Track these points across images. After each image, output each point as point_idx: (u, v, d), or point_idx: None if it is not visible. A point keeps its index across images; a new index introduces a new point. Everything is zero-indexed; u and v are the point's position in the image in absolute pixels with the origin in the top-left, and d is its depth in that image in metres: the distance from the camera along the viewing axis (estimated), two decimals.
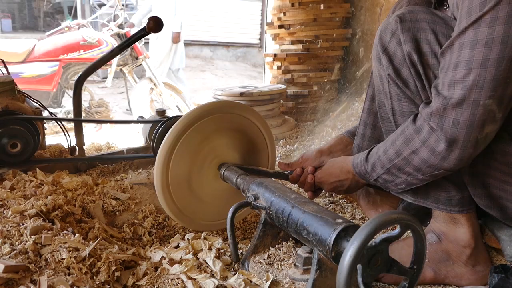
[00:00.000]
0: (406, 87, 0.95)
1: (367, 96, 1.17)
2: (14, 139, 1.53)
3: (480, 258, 1.00)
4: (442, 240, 1.00)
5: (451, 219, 0.99)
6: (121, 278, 0.99)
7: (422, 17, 0.93)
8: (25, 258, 0.94)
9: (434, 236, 1.01)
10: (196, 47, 9.08)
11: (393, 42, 0.94)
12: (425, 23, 0.92)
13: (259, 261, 1.03)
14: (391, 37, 0.95)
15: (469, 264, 0.99)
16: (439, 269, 0.99)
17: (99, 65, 1.82)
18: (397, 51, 0.94)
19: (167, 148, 1.13)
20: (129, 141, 2.48)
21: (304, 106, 2.89)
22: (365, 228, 0.69)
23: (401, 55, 0.93)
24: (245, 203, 1.05)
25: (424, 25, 0.92)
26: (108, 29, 4.04)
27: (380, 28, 0.98)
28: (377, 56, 0.99)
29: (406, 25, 0.92)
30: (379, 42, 0.97)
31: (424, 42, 0.91)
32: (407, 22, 0.93)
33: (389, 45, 0.95)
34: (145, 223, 1.28)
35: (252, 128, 1.27)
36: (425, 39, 0.91)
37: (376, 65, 1.01)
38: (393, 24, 0.94)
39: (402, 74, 0.95)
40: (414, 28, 0.92)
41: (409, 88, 0.95)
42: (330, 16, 2.87)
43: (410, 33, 0.92)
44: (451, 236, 0.99)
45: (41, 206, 1.17)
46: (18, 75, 3.49)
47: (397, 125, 1.01)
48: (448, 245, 1.00)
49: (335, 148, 1.28)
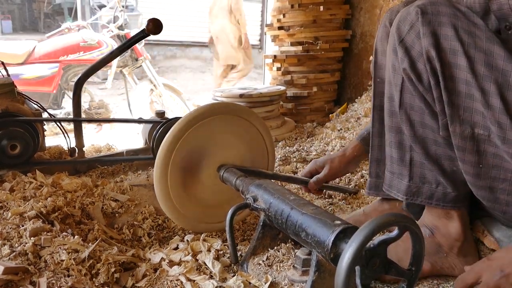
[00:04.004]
0: (420, 82, 0.92)
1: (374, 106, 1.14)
2: (14, 140, 1.53)
3: (470, 249, 1.04)
4: (435, 233, 1.03)
5: (445, 214, 1.01)
6: (121, 279, 0.99)
7: (443, 10, 0.87)
8: (24, 259, 0.94)
9: (427, 230, 1.03)
10: (196, 48, 9.09)
11: (412, 34, 0.90)
12: (446, 17, 0.87)
13: (258, 262, 1.03)
14: (409, 28, 0.90)
15: (460, 256, 1.02)
16: (435, 261, 1.02)
17: (99, 66, 1.82)
18: (415, 44, 0.90)
19: (166, 149, 1.14)
20: (129, 143, 2.48)
21: (304, 108, 2.89)
22: (364, 230, 0.69)
23: (419, 48, 0.90)
24: (244, 205, 1.05)
25: (445, 19, 0.87)
26: (108, 30, 4.04)
27: (399, 18, 0.93)
28: (393, 47, 0.95)
29: (427, 17, 0.87)
30: (396, 32, 0.93)
31: (443, 37, 0.87)
32: (428, 14, 0.88)
33: (407, 36, 0.91)
34: (145, 224, 1.28)
35: (252, 130, 1.28)
36: (445, 35, 0.87)
37: (390, 56, 0.97)
38: (413, 15, 0.89)
39: (417, 68, 0.91)
40: (434, 22, 0.87)
41: (422, 83, 0.92)
42: (329, 18, 2.87)
43: (430, 26, 0.87)
44: (444, 230, 1.02)
45: (40, 207, 1.17)
46: (18, 76, 3.50)
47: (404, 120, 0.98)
48: (440, 239, 1.02)
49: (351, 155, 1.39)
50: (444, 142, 0.96)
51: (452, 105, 0.89)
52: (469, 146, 0.90)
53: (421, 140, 0.98)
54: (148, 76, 4.07)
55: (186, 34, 8.87)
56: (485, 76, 0.85)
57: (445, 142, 0.96)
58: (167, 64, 8.68)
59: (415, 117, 0.97)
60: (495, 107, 0.84)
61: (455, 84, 0.88)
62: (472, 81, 0.86)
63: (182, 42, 8.95)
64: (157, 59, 8.56)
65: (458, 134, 0.90)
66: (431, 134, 0.97)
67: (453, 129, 0.90)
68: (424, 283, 1.02)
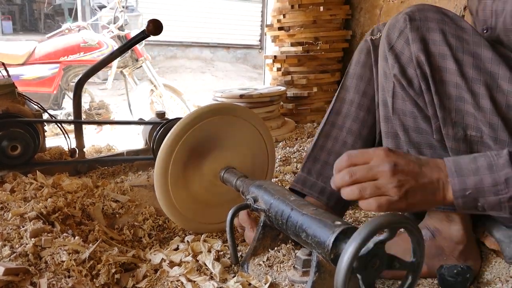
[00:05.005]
0: (411, 87, 0.94)
1: (332, 110, 1.19)
2: (14, 141, 1.53)
3: (471, 253, 1.03)
4: (436, 236, 1.02)
5: (446, 217, 1.01)
6: (121, 280, 0.99)
7: (431, 16, 0.90)
8: (25, 260, 0.94)
9: (428, 232, 1.03)
10: (196, 48, 9.09)
11: (401, 40, 0.92)
12: (434, 22, 0.89)
13: (259, 263, 1.03)
14: (398, 35, 0.93)
15: (461, 259, 1.02)
16: (433, 265, 1.01)
17: (99, 67, 1.83)
18: (404, 50, 0.92)
19: (167, 150, 1.14)
20: (129, 143, 2.48)
21: (304, 108, 2.89)
22: (363, 230, 0.70)
23: (408, 54, 0.92)
24: (244, 205, 1.05)
25: (433, 25, 0.89)
26: (109, 31, 4.04)
27: (388, 25, 0.96)
28: (383, 54, 0.97)
29: (415, 24, 0.90)
30: (386, 40, 0.95)
31: (432, 42, 0.89)
32: (416, 21, 0.90)
33: (396, 43, 0.93)
34: (145, 225, 1.28)
35: (252, 130, 1.28)
36: (433, 40, 0.89)
37: (381, 63, 1.00)
38: (401, 22, 0.92)
39: (407, 74, 0.93)
40: (423, 27, 0.90)
41: (413, 88, 0.93)
42: (329, 18, 2.87)
43: (418, 32, 0.90)
44: (445, 233, 1.01)
45: (41, 208, 1.17)
46: (18, 77, 3.49)
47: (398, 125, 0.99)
48: (442, 241, 1.02)
49: None
50: (439, 146, 0.96)
51: (443, 108, 0.90)
52: (463, 148, 0.91)
53: (417, 144, 0.98)
54: (149, 77, 4.07)
55: (186, 34, 8.87)
56: (474, 79, 0.86)
57: (440, 146, 0.96)
58: (168, 65, 8.68)
59: (408, 122, 0.98)
60: (486, 108, 0.85)
61: (446, 88, 0.89)
62: (462, 84, 0.87)
63: (182, 42, 8.95)
64: (158, 60, 8.55)
65: (451, 137, 0.91)
66: (425, 138, 0.97)
67: (446, 132, 0.91)
68: (424, 283, 1.02)
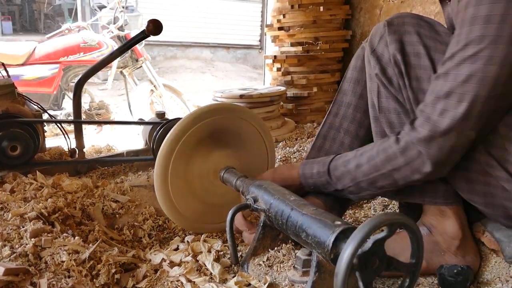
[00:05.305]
0: (391, 85, 1.02)
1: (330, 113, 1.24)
2: (14, 141, 1.53)
3: (469, 248, 1.05)
4: (433, 232, 1.05)
5: (440, 212, 1.04)
6: (121, 280, 0.99)
7: (408, 21, 1.00)
8: (25, 260, 0.94)
9: (425, 229, 1.06)
10: (196, 48, 9.09)
11: (381, 44, 1.02)
12: (411, 26, 0.99)
13: (259, 263, 1.03)
14: (379, 39, 1.03)
15: (458, 255, 1.03)
16: (431, 259, 1.03)
17: (99, 67, 1.83)
18: (384, 52, 1.01)
19: (167, 150, 1.14)
20: (129, 143, 2.48)
21: (304, 108, 2.89)
22: (362, 229, 0.70)
23: (388, 55, 1.01)
24: (244, 205, 1.05)
25: (410, 28, 0.99)
26: (108, 31, 4.04)
27: (371, 32, 1.07)
28: (367, 58, 1.06)
29: (393, 28, 1.01)
30: (369, 45, 1.06)
31: (408, 43, 0.98)
32: (394, 25, 1.01)
33: (377, 47, 1.03)
34: (145, 225, 1.28)
35: (252, 130, 1.28)
36: (409, 41, 0.98)
37: (367, 67, 1.09)
38: (381, 28, 1.03)
39: (387, 73, 1.02)
40: (400, 30, 1.00)
41: (393, 85, 1.02)
42: (329, 18, 2.87)
43: (396, 35, 1.00)
44: (440, 229, 1.04)
45: (41, 208, 1.17)
46: (18, 77, 3.49)
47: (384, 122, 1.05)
48: (438, 237, 1.04)
49: None
50: None
51: (419, 103, 0.95)
52: None
53: None
54: (148, 77, 4.07)
55: (186, 34, 8.88)
56: None
57: None
58: (167, 65, 8.68)
59: (393, 119, 1.04)
60: None
61: (421, 84, 0.97)
62: None
63: (182, 42, 8.95)
64: (157, 60, 8.56)
65: None
66: None
67: None
68: (424, 283, 1.02)
